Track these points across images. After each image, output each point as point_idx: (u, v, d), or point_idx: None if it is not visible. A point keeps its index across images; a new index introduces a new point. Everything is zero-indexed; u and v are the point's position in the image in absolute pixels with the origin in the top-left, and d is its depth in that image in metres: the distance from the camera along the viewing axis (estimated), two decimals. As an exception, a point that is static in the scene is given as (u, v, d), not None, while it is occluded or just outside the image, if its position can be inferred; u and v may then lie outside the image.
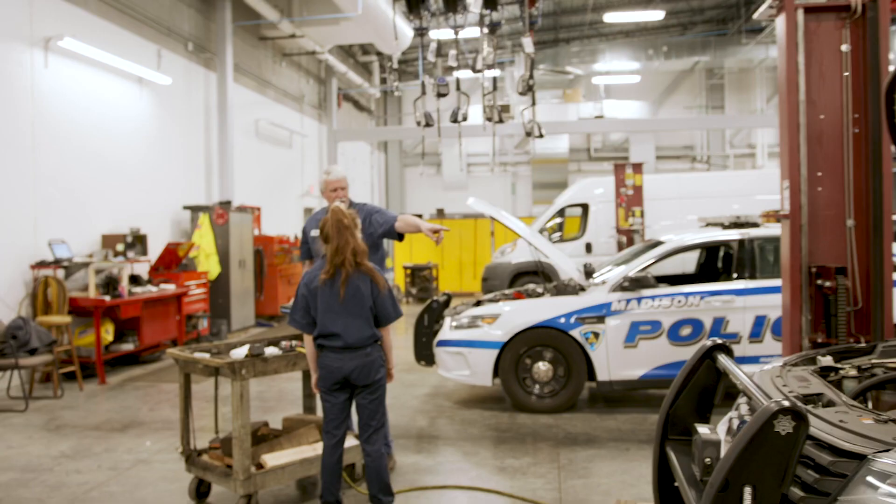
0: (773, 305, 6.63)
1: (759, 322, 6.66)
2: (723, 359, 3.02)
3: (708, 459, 2.54)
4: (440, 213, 19.29)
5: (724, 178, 14.33)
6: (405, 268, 17.31)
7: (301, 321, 4.16)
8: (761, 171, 17.17)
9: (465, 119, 7.63)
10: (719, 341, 3.12)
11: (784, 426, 2.09)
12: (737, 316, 6.68)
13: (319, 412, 5.54)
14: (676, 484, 3.02)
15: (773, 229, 7.21)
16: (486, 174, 24.59)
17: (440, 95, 7.52)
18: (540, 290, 7.61)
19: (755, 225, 7.10)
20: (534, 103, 8.05)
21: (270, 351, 4.52)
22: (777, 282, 6.70)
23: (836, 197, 4.41)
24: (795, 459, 2.09)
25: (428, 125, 7.80)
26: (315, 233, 5.11)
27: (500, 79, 20.90)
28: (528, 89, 7.55)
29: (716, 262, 7.92)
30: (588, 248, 13.74)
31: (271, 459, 4.46)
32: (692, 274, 8.15)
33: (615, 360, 6.78)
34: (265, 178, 15.57)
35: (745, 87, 23.87)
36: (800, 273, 4.33)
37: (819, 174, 4.40)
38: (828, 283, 4.27)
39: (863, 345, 3.58)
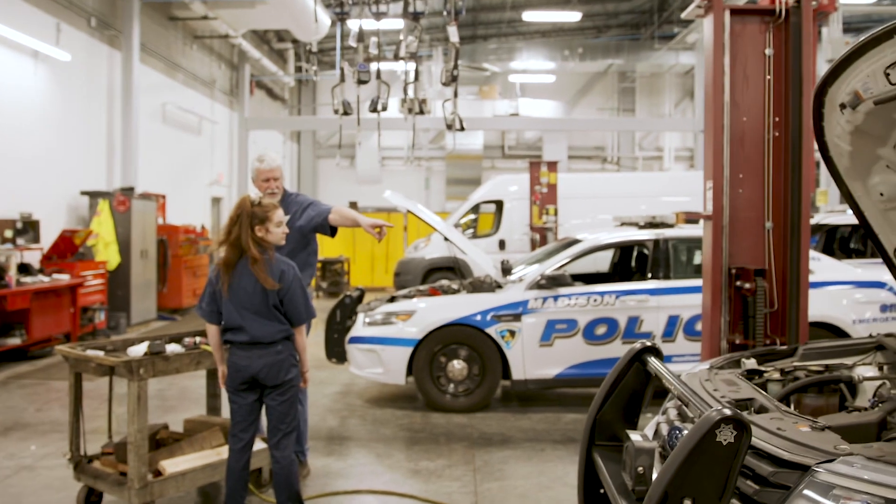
0: (686, 305, 6.70)
1: (672, 322, 6.71)
2: (653, 362, 2.92)
3: (641, 468, 2.42)
4: (353, 206, 18.91)
5: (634, 179, 14.60)
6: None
7: (206, 309, 3.87)
8: (669, 173, 17.63)
9: (384, 109, 7.36)
10: (649, 343, 3.02)
11: (726, 435, 1.98)
12: (651, 315, 6.71)
13: (226, 413, 5.21)
14: (603, 491, 2.90)
15: (687, 230, 7.30)
16: (401, 168, 24.36)
17: (361, 83, 7.26)
18: (455, 286, 7.47)
19: (670, 226, 7.17)
20: (455, 95, 7.89)
21: (172, 348, 4.19)
22: (690, 282, 6.78)
23: (756, 199, 4.42)
24: (737, 470, 1.99)
25: (346, 114, 7.52)
26: None
27: (419, 72, 20.76)
28: (453, 80, 7.38)
29: (630, 262, 7.97)
30: (502, 244, 13.74)
31: (170, 466, 4.13)
32: (607, 273, 8.18)
33: (531, 359, 6.70)
34: (172, 165, 14.86)
35: (655, 92, 24.48)
36: (721, 274, 4.32)
37: (740, 176, 4.41)
38: (747, 285, 4.28)
39: (783, 347, 3.58)
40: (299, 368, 3.93)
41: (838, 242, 9.83)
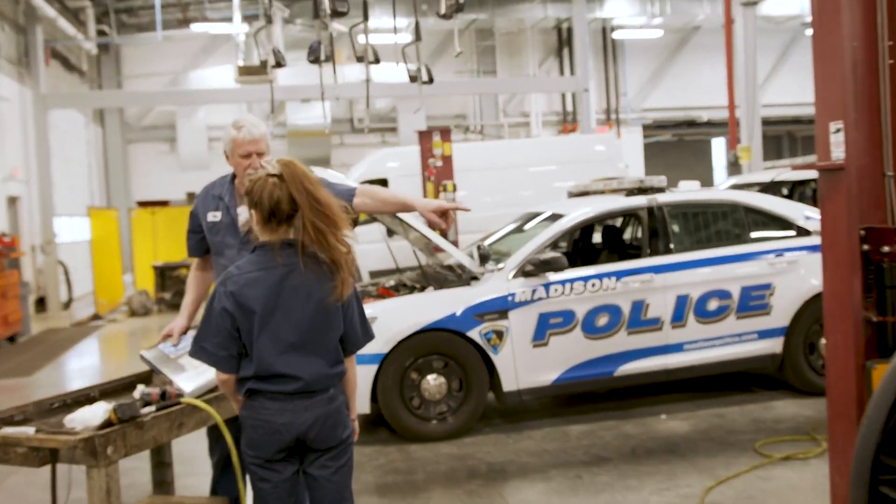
0: (694, 282, 6.28)
1: (682, 303, 6.25)
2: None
3: None
4: (191, 198, 17.27)
5: (543, 144, 14.31)
6: (154, 267, 15.24)
7: (217, 353, 2.83)
8: (582, 136, 17.36)
9: (327, 59, 6.30)
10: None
11: None
12: (657, 297, 6.22)
13: (192, 489, 4.11)
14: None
15: (681, 195, 6.88)
16: (233, 150, 22.77)
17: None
18: (407, 283, 6.62)
19: (660, 190, 6.70)
20: (418, 38, 6.96)
21: (145, 410, 3.07)
22: (695, 255, 6.38)
23: (872, 142, 3.93)
24: None
25: (279, 65, 6.37)
26: (215, 216, 3.87)
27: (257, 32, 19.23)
28: (458, 8, 6.37)
29: (616, 236, 7.45)
30: (390, 231, 12.92)
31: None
32: (587, 252, 7.60)
33: (524, 364, 6.00)
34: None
35: (516, 51, 24.45)
36: (856, 239, 3.80)
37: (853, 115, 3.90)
38: (886, 248, 3.79)
39: None
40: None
41: None
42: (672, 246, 6.39)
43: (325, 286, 2.87)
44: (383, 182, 13.05)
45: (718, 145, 29.02)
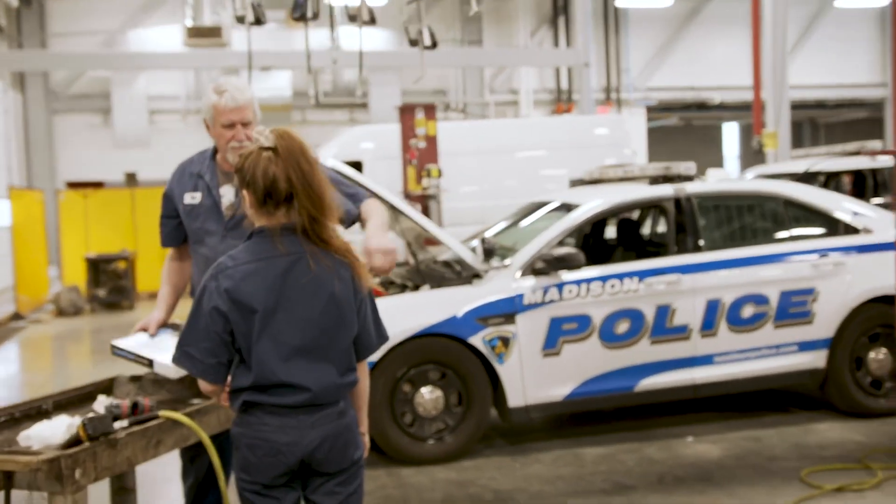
0: (727, 285, 6.27)
1: (712, 309, 6.24)
2: None
3: None
4: (131, 180, 17.07)
5: (537, 126, 14.26)
6: (87, 260, 15.00)
7: (204, 361, 2.74)
8: (580, 117, 17.31)
9: (315, 17, 6.20)
10: None
11: None
12: (685, 302, 6.19)
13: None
14: None
15: (712, 185, 6.86)
16: (177, 125, 22.58)
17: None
18: (398, 281, 6.54)
19: (688, 178, 6.67)
20: None
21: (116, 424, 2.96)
22: (729, 254, 6.37)
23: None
24: None
25: (258, 22, 6.24)
26: (194, 198, 3.77)
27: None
28: None
29: (633, 231, 7.42)
30: (362, 221, 12.86)
31: None
32: (598, 249, 7.56)
33: (532, 376, 5.96)
34: None
35: (505, 19, 24.40)
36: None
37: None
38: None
39: None
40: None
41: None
42: (702, 243, 6.37)
43: (339, 277, 2.79)
44: (357, 165, 12.94)
45: (731, 131, 29.22)
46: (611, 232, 7.76)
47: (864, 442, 5.83)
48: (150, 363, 3.49)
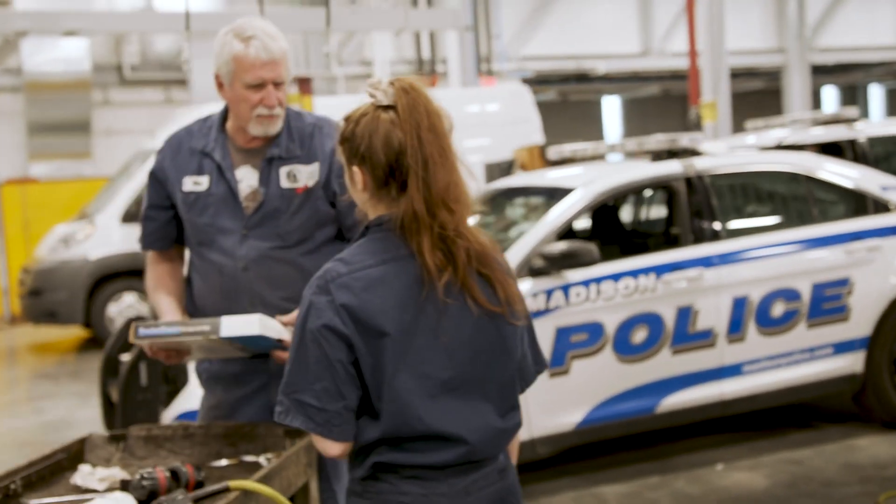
0: (755, 279, 6.22)
1: (739, 308, 6.16)
2: None
3: None
4: None
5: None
6: None
7: (326, 408, 2.29)
8: (463, 90, 17.22)
9: None
10: None
11: None
12: (708, 301, 6.10)
13: None
14: None
15: (724, 160, 6.77)
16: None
17: None
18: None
19: (696, 153, 6.59)
20: None
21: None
22: (752, 241, 6.33)
23: None
24: None
25: None
26: (198, 184, 3.30)
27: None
28: None
29: (634, 217, 7.31)
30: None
31: None
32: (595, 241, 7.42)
33: (537, 401, 5.69)
34: None
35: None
36: None
37: None
38: None
39: None
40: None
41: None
42: (720, 230, 6.29)
43: (494, 284, 2.41)
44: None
45: (612, 106, 29.94)
46: (608, 221, 7.62)
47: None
48: (210, 331, 2.85)
